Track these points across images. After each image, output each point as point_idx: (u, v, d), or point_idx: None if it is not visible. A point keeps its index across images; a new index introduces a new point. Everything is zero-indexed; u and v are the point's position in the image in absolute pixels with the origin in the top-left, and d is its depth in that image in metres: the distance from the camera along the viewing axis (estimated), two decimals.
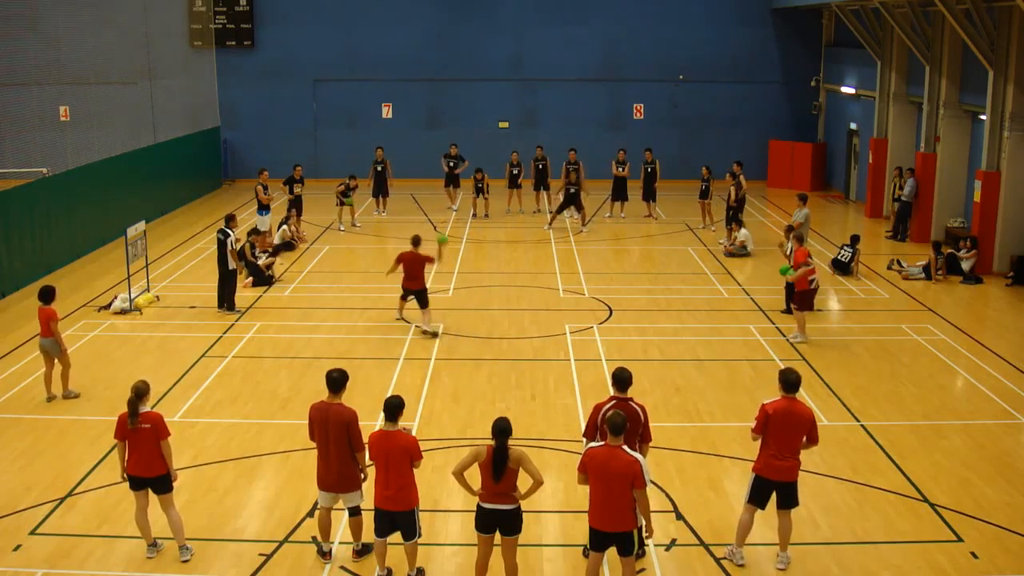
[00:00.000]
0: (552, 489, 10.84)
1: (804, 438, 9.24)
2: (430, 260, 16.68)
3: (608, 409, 9.00)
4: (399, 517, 8.90)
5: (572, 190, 25.03)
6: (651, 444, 9.58)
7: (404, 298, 17.04)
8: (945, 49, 23.16)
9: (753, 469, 9.42)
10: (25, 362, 15.09)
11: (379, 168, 26.36)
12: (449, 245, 23.55)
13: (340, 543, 9.81)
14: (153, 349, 16.02)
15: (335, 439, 9.12)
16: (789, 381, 9.26)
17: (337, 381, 9.25)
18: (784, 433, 9.17)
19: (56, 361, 13.66)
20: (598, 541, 8.45)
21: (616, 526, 8.29)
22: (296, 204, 24.14)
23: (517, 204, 27.68)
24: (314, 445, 9.41)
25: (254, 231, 20.90)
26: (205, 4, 31.76)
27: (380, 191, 26.56)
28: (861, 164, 29.62)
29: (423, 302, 16.64)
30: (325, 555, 9.54)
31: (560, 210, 25.39)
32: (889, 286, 20.11)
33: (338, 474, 9.19)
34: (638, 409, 9.09)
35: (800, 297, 16.19)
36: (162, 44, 29.17)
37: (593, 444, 8.44)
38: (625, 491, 8.18)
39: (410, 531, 8.95)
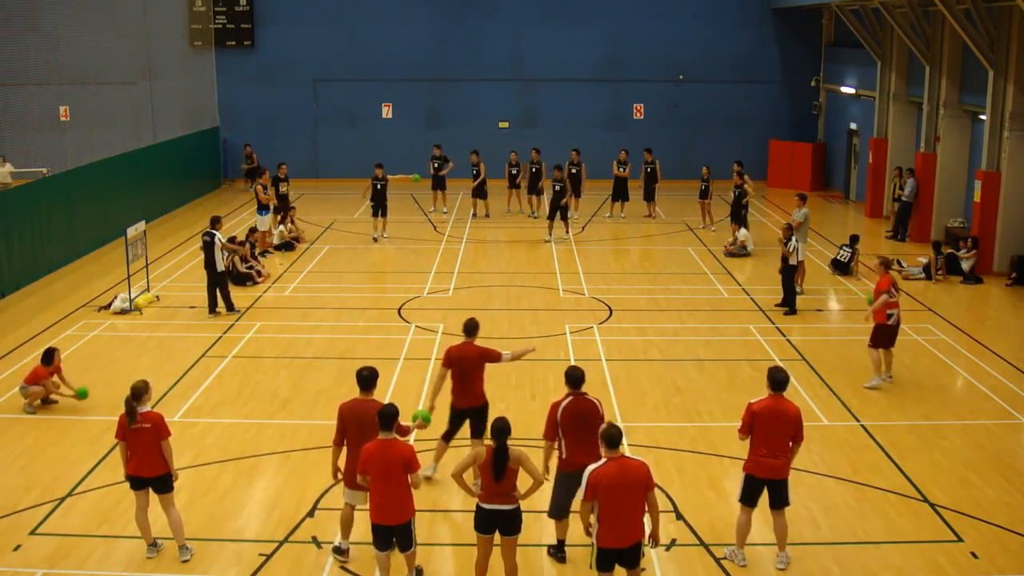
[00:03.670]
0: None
1: (791, 437, 9.23)
2: (494, 356, 10.85)
3: (567, 406, 9.13)
4: (396, 530, 8.61)
5: (558, 187, 23.62)
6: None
7: (450, 433, 10.93)
8: (945, 49, 23.15)
9: (744, 468, 9.44)
10: (25, 362, 15.06)
11: (379, 186, 23.57)
12: (449, 246, 23.55)
13: (338, 544, 9.79)
14: (153, 349, 16.02)
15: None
16: (777, 380, 9.27)
17: (368, 379, 9.28)
18: (772, 432, 9.17)
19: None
20: (608, 560, 8.16)
21: (630, 539, 8.09)
22: (282, 202, 23.67)
23: (516, 204, 27.66)
24: (323, 446, 9.24)
25: (252, 231, 20.80)
26: (205, 4, 31.75)
27: (380, 210, 23.81)
28: (861, 164, 29.60)
29: (480, 427, 10.80)
30: (343, 553, 9.40)
31: (552, 216, 23.85)
32: None
33: None
34: (596, 403, 9.16)
35: (876, 332, 14.05)
36: (162, 44, 29.15)
37: (593, 466, 8.06)
38: (640, 498, 8.04)
39: (407, 542, 8.70)
